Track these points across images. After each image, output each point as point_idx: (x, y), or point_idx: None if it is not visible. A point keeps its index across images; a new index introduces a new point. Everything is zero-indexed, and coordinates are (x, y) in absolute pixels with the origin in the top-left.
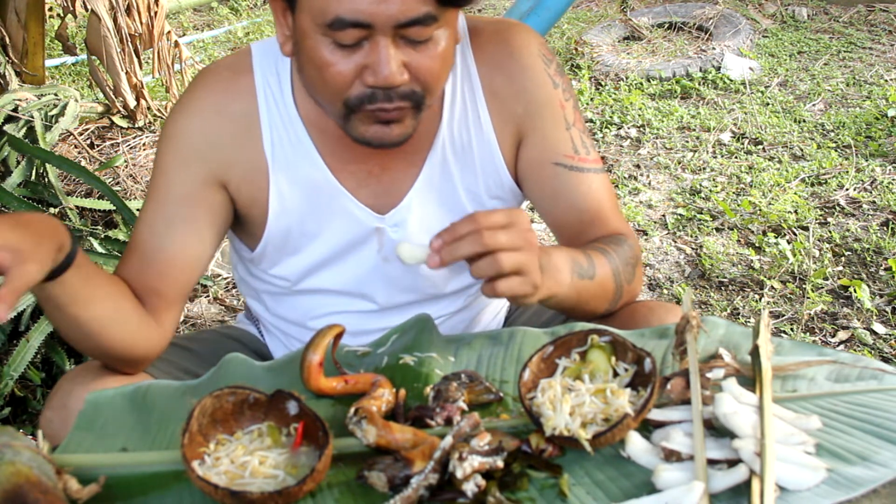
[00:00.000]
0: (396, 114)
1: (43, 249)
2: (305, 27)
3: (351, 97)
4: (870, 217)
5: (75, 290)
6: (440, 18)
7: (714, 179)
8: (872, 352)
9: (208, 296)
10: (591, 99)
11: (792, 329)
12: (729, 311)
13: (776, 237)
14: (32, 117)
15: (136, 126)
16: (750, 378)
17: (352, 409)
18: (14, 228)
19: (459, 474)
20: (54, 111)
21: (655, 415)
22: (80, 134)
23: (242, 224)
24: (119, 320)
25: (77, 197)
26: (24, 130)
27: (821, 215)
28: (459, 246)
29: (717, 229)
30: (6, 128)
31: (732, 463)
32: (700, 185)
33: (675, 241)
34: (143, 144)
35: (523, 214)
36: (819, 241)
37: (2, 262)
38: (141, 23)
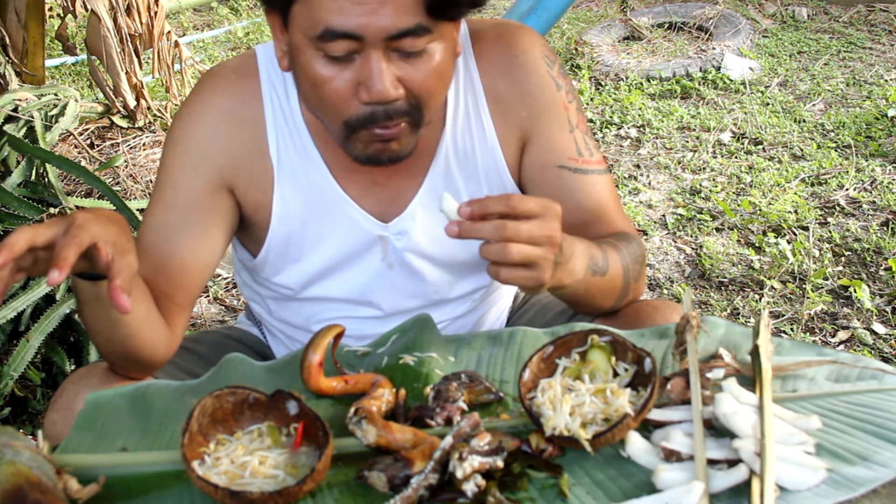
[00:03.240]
0: (395, 131)
1: (132, 242)
2: (298, 42)
3: (352, 118)
4: (870, 217)
5: None
6: (434, 31)
7: (714, 179)
8: (872, 352)
9: (208, 296)
10: (591, 99)
11: (792, 329)
12: (729, 311)
13: (776, 237)
14: (32, 117)
15: (136, 126)
16: (750, 378)
17: (352, 409)
18: (107, 223)
19: (459, 474)
20: (54, 111)
21: (655, 415)
22: (80, 134)
23: (246, 229)
24: (151, 322)
25: (77, 197)
26: (24, 130)
27: (821, 215)
28: (481, 228)
29: (717, 229)
30: (6, 128)
31: (732, 463)
32: (700, 185)
33: (675, 241)
34: (143, 144)
35: (555, 208)
36: (819, 241)
37: (105, 256)
38: (141, 23)
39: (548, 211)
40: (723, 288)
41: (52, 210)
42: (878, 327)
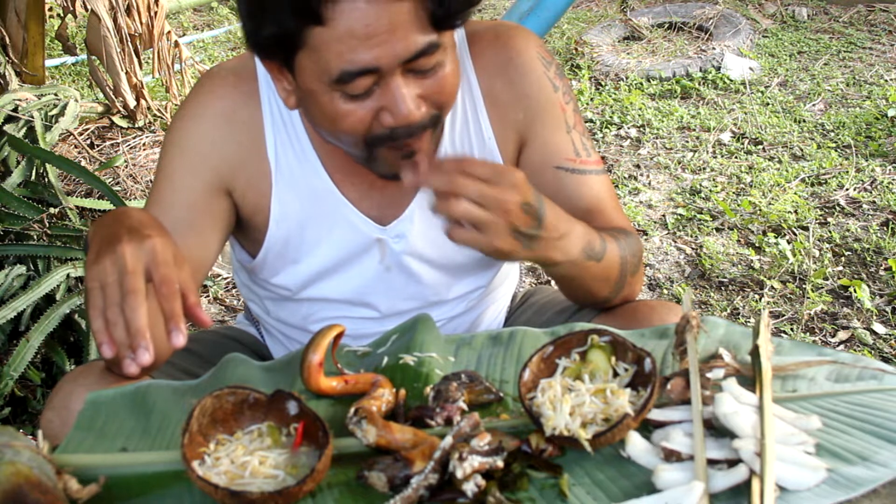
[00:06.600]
0: (419, 144)
1: (181, 252)
2: (311, 86)
3: (372, 138)
4: (870, 217)
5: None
6: (441, 44)
7: (714, 179)
8: (872, 352)
9: (208, 296)
10: (591, 99)
11: (792, 329)
12: (729, 311)
13: (776, 237)
14: (32, 117)
15: (136, 126)
16: (750, 378)
17: (352, 409)
18: (166, 237)
19: (459, 474)
20: (54, 111)
21: (655, 415)
22: (80, 134)
23: (244, 230)
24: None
25: (77, 197)
26: (24, 130)
27: (821, 215)
28: (431, 178)
29: (717, 229)
30: (6, 128)
31: (732, 463)
32: (700, 185)
33: (675, 241)
34: (143, 144)
35: (514, 176)
36: (819, 241)
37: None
38: (141, 23)
39: (503, 178)
40: (723, 288)
41: (52, 210)
42: (878, 327)
